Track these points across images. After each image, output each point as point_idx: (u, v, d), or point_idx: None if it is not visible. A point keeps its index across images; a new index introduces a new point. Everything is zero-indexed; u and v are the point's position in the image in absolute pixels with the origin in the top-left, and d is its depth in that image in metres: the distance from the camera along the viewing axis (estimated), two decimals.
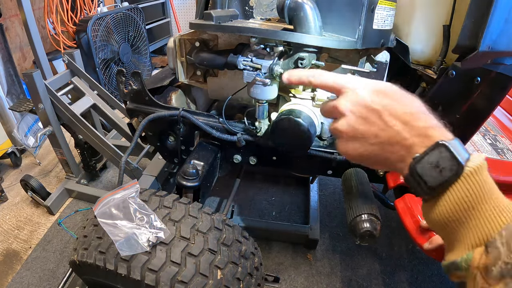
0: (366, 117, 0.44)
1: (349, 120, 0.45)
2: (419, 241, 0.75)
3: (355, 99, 0.45)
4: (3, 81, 1.81)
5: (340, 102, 0.46)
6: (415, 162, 0.40)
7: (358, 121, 0.44)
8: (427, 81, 0.83)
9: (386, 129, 0.43)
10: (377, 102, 0.43)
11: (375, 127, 0.43)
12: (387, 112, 0.43)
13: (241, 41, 0.88)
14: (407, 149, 0.42)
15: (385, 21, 0.77)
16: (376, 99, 0.44)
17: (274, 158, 0.96)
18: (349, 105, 0.45)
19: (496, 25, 0.60)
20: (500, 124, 1.17)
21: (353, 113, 0.45)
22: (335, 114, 0.48)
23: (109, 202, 0.69)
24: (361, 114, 0.44)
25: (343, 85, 0.47)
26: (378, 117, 0.43)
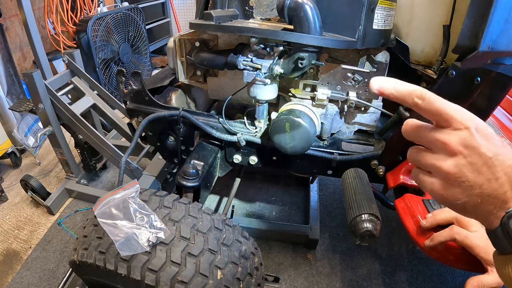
0: (478, 164, 0.40)
1: (459, 163, 0.40)
2: (419, 241, 0.75)
3: (470, 141, 0.39)
4: (3, 81, 1.81)
5: (452, 139, 0.40)
6: (508, 217, 0.39)
7: (468, 166, 0.40)
8: (427, 81, 0.83)
9: (492, 181, 0.40)
10: (490, 149, 0.40)
11: (483, 176, 0.40)
12: (497, 162, 0.39)
13: (241, 41, 0.88)
14: (503, 203, 0.40)
15: (385, 21, 0.77)
16: (489, 145, 0.40)
17: (274, 158, 0.97)
18: (461, 146, 0.40)
19: (496, 25, 0.60)
20: (500, 124, 1.17)
21: (465, 156, 0.40)
22: (437, 148, 0.42)
23: (109, 202, 0.69)
24: (473, 159, 0.40)
25: (456, 118, 0.40)
26: (488, 166, 0.40)
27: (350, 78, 0.85)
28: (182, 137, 0.98)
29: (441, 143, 0.41)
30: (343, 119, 0.94)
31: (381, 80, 0.43)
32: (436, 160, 0.42)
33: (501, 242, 0.41)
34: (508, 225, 0.39)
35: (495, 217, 0.41)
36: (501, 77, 0.69)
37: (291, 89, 0.90)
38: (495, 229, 0.41)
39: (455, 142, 0.40)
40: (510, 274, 0.41)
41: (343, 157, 0.90)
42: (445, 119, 0.41)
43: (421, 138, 0.44)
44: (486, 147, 0.39)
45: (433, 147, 0.43)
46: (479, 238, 0.66)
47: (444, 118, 0.41)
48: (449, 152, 0.41)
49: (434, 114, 0.41)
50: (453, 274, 1.22)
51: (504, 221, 0.40)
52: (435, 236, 0.71)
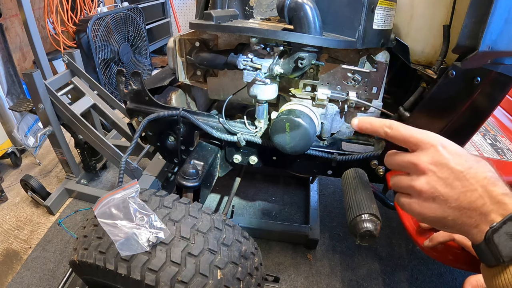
0: (448, 179, 0.42)
1: (430, 180, 0.43)
2: (419, 241, 0.75)
3: (437, 158, 0.42)
4: (3, 81, 1.81)
5: (421, 159, 0.43)
6: (493, 232, 0.40)
7: (439, 182, 0.42)
8: (427, 81, 0.83)
9: (467, 193, 0.41)
10: (460, 163, 0.42)
11: (456, 190, 0.42)
12: (469, 176, 0.41)
13: (241, 41, 0.88)
14: (483, 216, 0.41)
15: (385, 21, 0.77)
16: (458, 160, 0.42)
17: (274, 158, 0.96)
18: (430, 164, 0.43)
19: (496, 25, 0.60)
20: (500, 124, 1.17)
21: (434, 173, 0.43)
22: (410, 170, 0.45)
23: (109, 202, 0.69)
24: (443, 174, 0.42)
25: (422, 139, 0.44)
26: (459, 179, 0.41)
27: (350, 78, 0.85)
28: (182, 137, 0.98)
29: (411, 164, 0.45)
30: (343, 119, 0.94)
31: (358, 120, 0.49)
32: (410, 180, 0.45)
33: (486, 256, 0.41)
34: (492, 239, 0.40)
35: (478, 231, 0.42)
36: (501, 77, 0.69)
37: (291, 89, 0.90)
38: (480, 244, 0.42)
39: (424, 161, 0.43)
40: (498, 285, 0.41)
41: (343, 157, 0.90)
42: (413, 143, 0.45)
43: (397, 163, 0.48)
44: (455, 162, 0.42)
45: (407, 170, 0.46)
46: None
47: (412, 142, 0.45)
48: (419, 171, 0.44)
49: (403, 140, 0.46)
50: (453, 274, 1.22)
51: (488, 235, 0.40)
52: (435, 236, 0.71)
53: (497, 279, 0.41)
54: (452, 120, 0.78)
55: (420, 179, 0.44)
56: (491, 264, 0.42)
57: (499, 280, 0.41)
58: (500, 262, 0.40)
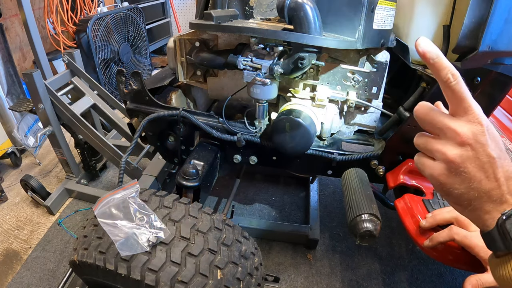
0: (482, 161, 0.41)
1: (465, 153, 0.41)
2: (419, 241, 0.75)
3: (480, 137, 0.41)
4: (3, 81, 1.81)
5: (464, 129, 0.41)
6: (506, 218, 0.40)
7: (472, 160, 0.41)
8: (427, 81, 0.83)
9: (491, 179, 0.41)
10: (495, 149, 0.41)
11: (483, 173, 0.41)
12: (499, 164, 0.41)
13: (241, 41, 0.88)
14: (498, 204, 0.41)
15: (385, 21, 0.77)
16: (495, 146, 0.41)
17: (274, 158, 0.97)
18: (472, 139, 0.41)
19: (496, 25, 0.60)
20: (500, 124, 1.17)
21: (472, 149, 0.41)
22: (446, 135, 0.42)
23: (109, 202, 0.69)
24: (479, 155, 0.41)
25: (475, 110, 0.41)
26: (490, 165, 0.41)
27: (350, 78, 0.85)
28: (182, 137, 0.98)
29: (452, 131, 0.42)
30: (343, 119, 0.94)
31: (428, 44, 0.43)
32: (442, 146, 0.43)
33: (496, 243, 0.41)
34: (504, 226, 0.40)
35: (489, 217, 0.42)
36: (501, 77, 0.69)
37: (291, 89, 0.90)
38: (491, 231, 0.42)
39: (467, 134, 0.41)
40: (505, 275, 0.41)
41: (343, 157, 0.90)
42: (463, 108, 0.41)
43: (433, 121, 0.44)
44: (493, 148, 0.41)
45: (442, 134, 0.43)
46: (478, 238, 0.65)
47: (463, 106, 0.41)
48: (458, 142, 0.41)
49: (456, 98, 0.42)
50: (453, 274, 1.22)
51: (500, 222, 0.40)
52: (435, 236, 0.71)
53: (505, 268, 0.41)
54: None
55: (455, 149, 0.42)
56: (499, 253, 0.42)
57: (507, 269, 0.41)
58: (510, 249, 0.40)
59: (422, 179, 0.85)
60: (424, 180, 0.84)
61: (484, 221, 0.43)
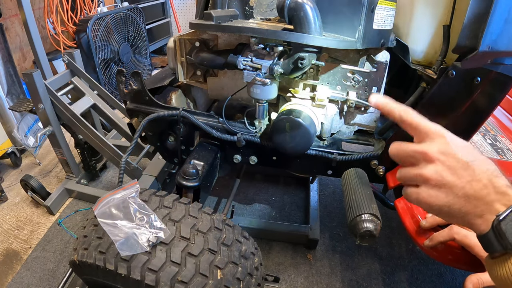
0: (455, 168, 0.44)
1: (438, 168, 0.44)
2: (419, 241, 0.75)
3: (445, 148, 0.44)
4: (3, 81, 1.81)
5: (430, 148, 0.45)
6: (500, 219, 0.41)
7: (447, 170, 0.44)
8: (427, 81, 0.83)
9: (472, 183, 0.43)
10: (466, 155, 0.44)
11: (462, 179, 0.43)
12: (474, 166, 0.43)
13: (241, 41, 0.88)
14: (488, 205, 0.43)
15: (385, 21, 0.77)
16: (465, 151, 0.44)
17: (274, 158, 0.96)
18: (439, 153, 0.45)
19: (496, 25, 0.60)
20: (500, 124, 1.17)
21: (442, 162, 0.44)
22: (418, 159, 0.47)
23: (109, 202, 0.69)
24: (451, 164, 0.44)
25: (432, 129, 0.46)
26: (465, 169, 0.43)
27: (350, 78, 0.85)
28: (182, 137, 0.98)
29: (420, 153, 0.46)
30: (343, 119, 0.94)
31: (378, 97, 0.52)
32: (418, 170, 0.47)
33: (493, 244, 0.42)
34: (500, 227, 0.41)
35: (483, 221, 0.43)
36: (501, 77, 0.69)
37: (291, 89, 0.90)
38: (487, 233, 0.43)
39: (433, 150, 0.45)
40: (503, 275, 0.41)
41: (343, 157, 0.90)
42: (423, 131, 0.47)
43: (404, 152, 0.49)
44: (462, 153, 0.44)
45: (415, 160, 0.47)
46: None
47: (422, 130, 0.47)
48: (428, 160, 0.45)
49: (414, 126, 0.48)
50: (453, 274, 1.22)
51: (495, 224, 0.41)
52: (435, 236, 0.71)
53: (502, 268, 0.42)
54: (452, 120, 0.78)
55: (428, 167, 0.45)
56: (496, 254, 0.43)
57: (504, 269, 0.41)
58: (508, 249, 0.40)
59: None
60: None
61: (478, 226, 0.44)
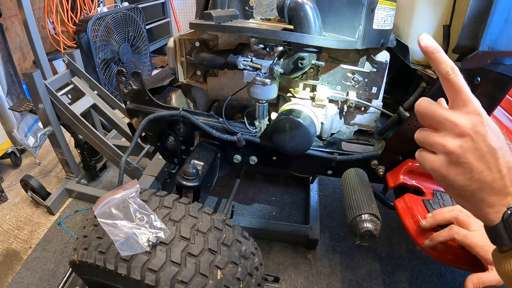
0: (482, 151, 0.41)
1: (464, 145, 0.41)
2: (419, 241, 0.75)
3: (478, 127, 0.41)
4: (3, 81, 1.81)
5: (463, 121, 0.41)
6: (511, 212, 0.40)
7: (472, 150, 0.41)
8: (427, 81, 0.83)
9: (493, 170, 0.41)
10: (495, 140, 0.41)
11: (485, 164, 0.41)
12: (500, 155, 0.41)
13: (241, 41, 0.88)
14: (501, 197, 0.41)
15: (385, 21, 0.77)
16: (495, 137, 0.42)
17: (274, 158, 0.97)
18: (471, 130, 0.41)
19: (496, 25, 0.60)
20: (500, 124, 1.17)
21: (472, 140, 0.41)
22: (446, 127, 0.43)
23: (109, 202, 0.69)
24: (478, 145, 0.41)
25: (473, 102, 0.42)
26: (491, 156, 0.41)
27: (350, 78, 0.85)
28: (182, 137, 0.98)
29: (451, 122, 0.42)
30: (343, 119, 0.94)
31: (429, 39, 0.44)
32: (442, 138, 0.43)
33: (502, 238, 0.41)
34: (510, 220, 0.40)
35: (493, 211, 0.42)
36: (501, 77, 0.69)
37: (291, 89, 0.90)
38: (496, 225, 0.41)
39: (466, 125, 0.41)
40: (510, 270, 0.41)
41: (343, 157, 0.90)
42: (462, 100, 0.42)
43: (433, 115, 0.44)
44: (492, 138, 0.41)
45: (442, 127, 0.43)
46: (479, 237, 0.66)
47: (462, 98, 0.42)
48: (457, 133, 0.42)
49: (455, 90, 0.43)
50: (453, 274, 1.22)
51: (506, 216, 0.40)
52: (435, 236, 0.71)
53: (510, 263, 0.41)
54: None
55: (454, 140, 0.42)
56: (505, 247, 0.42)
57: None
58: None
59: (422, 179, 0.85)
60: (424, 180, 0.84)
61: (489, 215, 0.42)
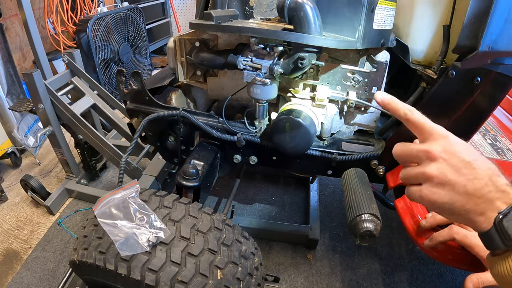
0: (457, 167, 0.45)
1: (441, 167, 0.46)
2: (419, 241, 0.75)
3: (448, 148, 0.46)
4: (3, 81, 1.81)
5: (433, 147, 0.47)
6: (503, 216, 0.42)
7: (449, 168, 0.46)
8: (427, 81, 0.83)
9: (474, 181, 0.44)
10: (467, 154, 0.46)
11: (464, 177, 0.45)
12: (476, 165, 0.45)
13: (241, 41, 0.88)
14: (489, 203, 0.44)
15: (385, 21, 0.77)
16: (466, 151, 0.46)
17: (274, 158, 0.96)
18: (442, 152, 0.46)
19: (496, 25, 0.60)
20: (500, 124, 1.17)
21: (445, 160, 0.46)
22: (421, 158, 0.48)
23: (109, 202, 0.69)
24: (453, 163, 0.45)
25: (436, 129, 0.48)
26: (467, 168, 0.45)
27: (350, 78, 0.85)
28: (182, 137, 0.98)
29: (424, 152, 0.48)
30: (343, 119, 0.94)
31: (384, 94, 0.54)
32: (421, 168, 0.48)
33: (495, 242, 0.43)
34: (502, 224, 0.42)
35: (485, 219, 0.44)
36: (501, 77, 0.69)
37: (291, 89, 0.90)
38: (489, 230, 0.44)
39: (436, 149, 0.47)
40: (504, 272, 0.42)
41: (343, 157, 0.90)
42: (427, 131, 0.49)
43: (408, 153, 0.51)
44: (464, 153, 0.46)
45: (419, 160, 0.49)
46: (478, 237, 0.66)
47: (426, 130, 0.49)
48: (431, 158, 0.47)
49: (418, 125, 0.50)
50: (453, 274, 1.22)
51: (498, 221, 0.42)
52: (435, 236, 0.71)
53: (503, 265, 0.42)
54: (452, 120, 0.78)
55: (431, 165, 0.47)
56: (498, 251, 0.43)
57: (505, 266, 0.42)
58: (510, 246, 0.41)
59: None
60: None
61: (480, 223, 0.45)
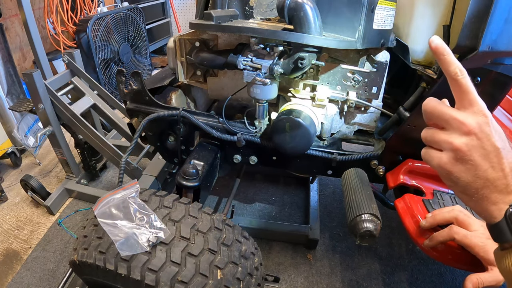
0: (487, 150, 0.43)
1: (471, 142, 0.43)
2: (419, 241, 0.75)
3: (484, 127, 0.43)
4: (3, 81, 1.81)
5: (470, 120, 0.43)
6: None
7: (478, 148, 0.43)
8: (427, 81, 0.83)
9: (496, 168, 0.43)
10: (499, 141, 0.43)
11: (489, 162, 0.43)
12: (503, 154, 0.43)
13: (241, 41, 0.88)
14: (504, 195, 0.43)
15: (385, 21, 0.77)
16: (499, 138, 0.44)
17: (274, 158, 0.97)
18: (477, 129, 0.43)
19: (496, 25, 0.60)
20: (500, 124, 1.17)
21: (478, 139, 0.43)
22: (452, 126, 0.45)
23: (109, 202, 0.69)
24: (484, 145, 0.43)
25: (479, 103, 0.44)
26: (495, 155, 0.43)
27: (350, 78, 0.85)
28: (182, 137, 0.98)
29: (458, 121, 0.44)
30: (343, 119, 0.94)
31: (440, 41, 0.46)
32: (449, 136, 0.45)
33: (504, 234, 0.42)
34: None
35: (496, 209, 0.43)
36: (501, 77, 0.69)
37: (291, 89, 0.90)
38: (499, 222, 0.43)
39: (472, 124, 0.43)
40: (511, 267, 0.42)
41: (343, 157, 0.90)
42: (469, 100, 0.44)
43: (440, 114, 0.46)
44: (497, 139, 0.43)
45: (449, 126, 0.45)
46: (478, 238, 0.66)
47: (468, 99, 0.44)
48: (464, 131, 0.44)
49: (462, 91, 0.45)
50: (453, 274, 1.22)
51: (509, 214, 0.41)
52: (435, 236, 0.71)
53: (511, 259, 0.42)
54: None
55: (461, 138, 0.44)
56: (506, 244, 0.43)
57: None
58: None
59: (422, 179, 0.85)
60: (424, 180, 0.84)
61: (491, 212, 0.43)
